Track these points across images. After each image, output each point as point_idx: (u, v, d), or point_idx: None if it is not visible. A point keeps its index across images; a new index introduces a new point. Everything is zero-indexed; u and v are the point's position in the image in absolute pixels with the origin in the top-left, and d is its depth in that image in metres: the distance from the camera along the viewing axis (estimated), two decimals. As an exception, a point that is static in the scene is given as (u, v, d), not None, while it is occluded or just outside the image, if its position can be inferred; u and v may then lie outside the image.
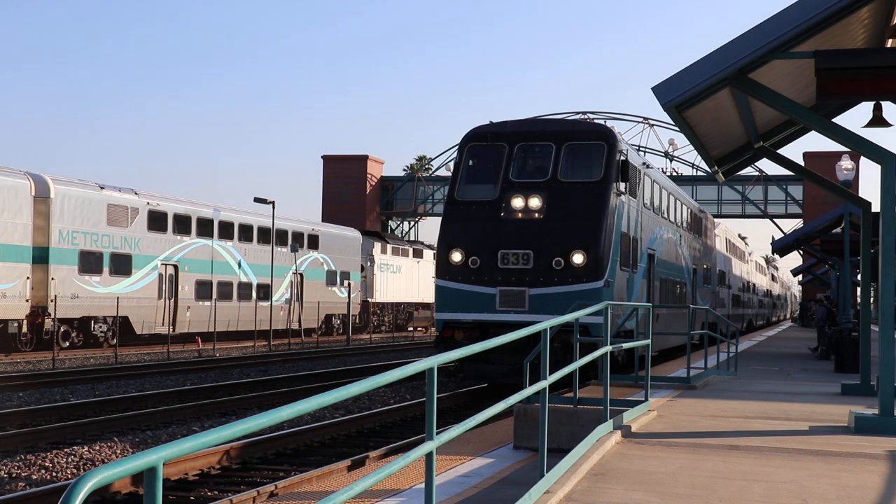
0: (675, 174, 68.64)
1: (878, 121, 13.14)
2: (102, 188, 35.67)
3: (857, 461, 9.16)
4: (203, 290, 40.93)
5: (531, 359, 10.88)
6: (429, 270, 55.48)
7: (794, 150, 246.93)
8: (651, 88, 11.51)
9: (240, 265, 43.73)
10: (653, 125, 70.00)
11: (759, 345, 36.87)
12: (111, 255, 35.61)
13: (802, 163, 51.82)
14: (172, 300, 39.12)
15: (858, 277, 24.99)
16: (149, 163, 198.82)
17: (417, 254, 61.44)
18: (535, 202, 19.18)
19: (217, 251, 42.01)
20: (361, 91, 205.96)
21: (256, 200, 41.62)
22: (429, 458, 5.19)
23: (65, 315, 33.33)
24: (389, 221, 79.56)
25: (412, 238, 76.39)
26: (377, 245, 56.93)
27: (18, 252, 31.91)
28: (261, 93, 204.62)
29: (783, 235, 57.80)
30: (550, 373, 7.61)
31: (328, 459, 13.32)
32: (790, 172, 24.29)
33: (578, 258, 18.62)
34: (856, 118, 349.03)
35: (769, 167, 68.34)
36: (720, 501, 7.25)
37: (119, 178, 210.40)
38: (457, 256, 19.36)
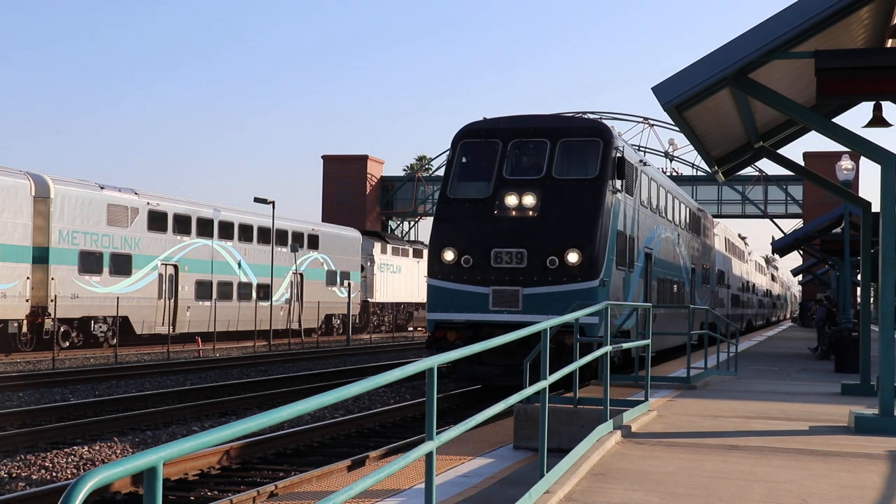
0: (675, 174, 68.68)
1: (878, 121, 13.15)
2: (102, 188, 35.67)
3: (857, 461, 9.16)
4: (203, 290, 40.93)
5: (531, 359, 10.87)
6: (428, 271, 55.31)
7: (794, 150, 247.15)
8: (651, 88, 11.52)
9: (240, 265, 43.73)
10: (653, 125, 70.02)
11: (759, 345, 36.86)
12: (111, 255, 35.61)
13: (802, 163, 51.87)
14: (172, 300, 39.12)
15: (858, 277, 25.00)
16: (149, 163, 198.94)
17: (417, 254, 61.41)
18: (529, 200, 18.82)
19: (217, 251, 42.01)
20: (362, 91, 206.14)
21: (256, 200, 41.61)
22: (429, 458, 5.19)
23: (65, 315, 33.33)
24: (389, 221, 79.59)
25: (412, 238, 76.39)
26: (377, 245, 56.92)
27: (18, 252, 31.91)
28: (261, 93, 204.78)
29: (783, 235, 57.85)
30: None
31: (328, 459, 13.31)
32: (790, 172, 24.28)
33: (573, 257, 18.27)
34: (856, 118, 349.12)
35: (769, 167, 68.47)
36: (720, 501, 7.25)
37: (119, 178, 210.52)
38: (449, 255, 19.00)
